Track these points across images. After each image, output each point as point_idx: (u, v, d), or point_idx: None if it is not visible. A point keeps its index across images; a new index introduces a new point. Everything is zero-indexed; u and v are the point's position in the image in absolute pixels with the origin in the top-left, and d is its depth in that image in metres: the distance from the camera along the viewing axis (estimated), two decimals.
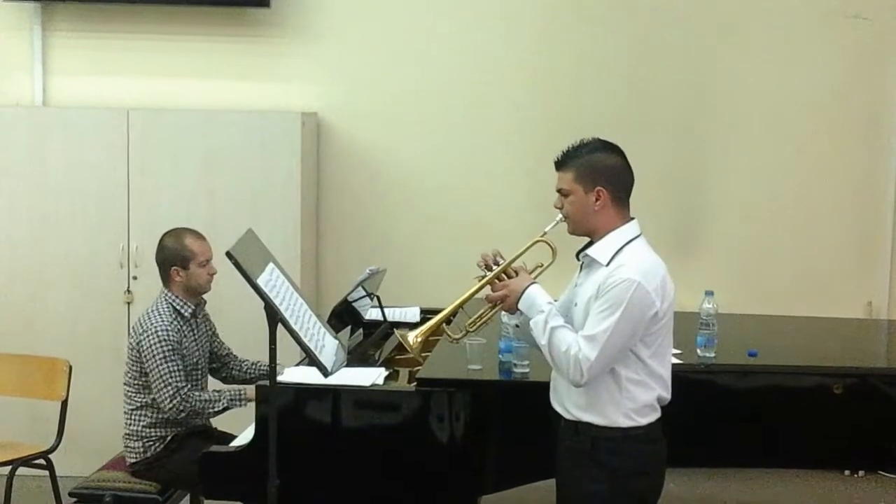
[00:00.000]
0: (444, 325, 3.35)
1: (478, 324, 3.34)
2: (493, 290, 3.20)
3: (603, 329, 2.93)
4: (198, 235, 4.24)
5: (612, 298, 2.94)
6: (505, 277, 3.19)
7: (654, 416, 3.07)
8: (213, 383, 4.39)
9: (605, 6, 5.71)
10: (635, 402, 3.02)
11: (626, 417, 3.02)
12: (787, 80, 5.72)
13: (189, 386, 4.09)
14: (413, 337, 3.32)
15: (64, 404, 4.65)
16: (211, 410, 4.11)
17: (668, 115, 5.75)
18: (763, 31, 5.71)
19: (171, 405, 4.03)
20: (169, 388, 4.02)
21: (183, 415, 4.06)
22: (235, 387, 4.20)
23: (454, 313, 3.33)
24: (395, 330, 3.58)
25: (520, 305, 3.12)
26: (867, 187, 5.79)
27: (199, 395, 4.10)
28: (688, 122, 5.77)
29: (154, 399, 4.10)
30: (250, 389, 4.08)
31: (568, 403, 3.11)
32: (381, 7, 5.76)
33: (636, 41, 5.71)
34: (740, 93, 5.74)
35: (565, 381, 3.05)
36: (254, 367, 4.45)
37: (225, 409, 4.12)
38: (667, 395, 3.10)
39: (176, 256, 4.18)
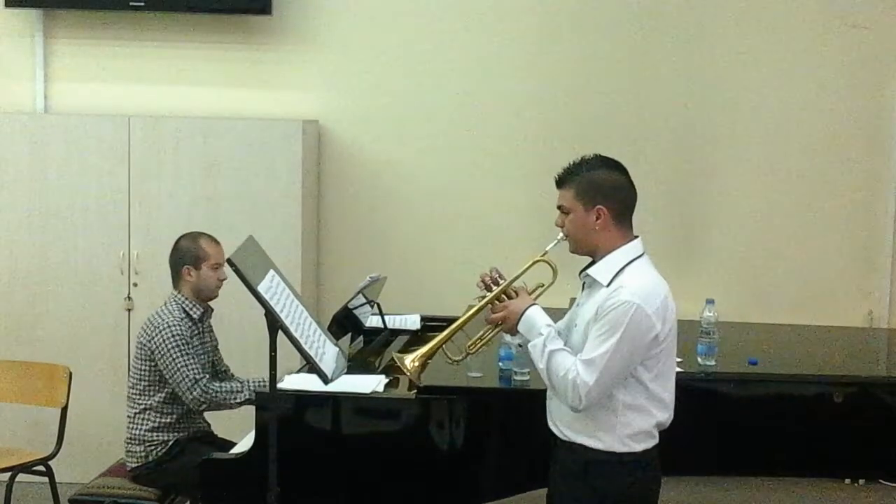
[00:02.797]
0: (443, 346, 3.26)
1: (478, 345, 3.26)
2: (493, 312, 3.14)
3: (601, 353, 2.87)
4: (213, 240, 4.27)
5: (610, 321, 2.87)
6: (505, 298, 3.13)
7: (651, 442, 3.01)
8: None
9: (605, 15, 5.71)
10: (631, 427, 2.96)
11: (621, 443, 2.96)
12: (788, 89, 5.73)
13: (208, 377, 4.09)
14: (410, 361, 3.22)
15: (64, 411, 4.65)
16: (234, 401, 4.07)
17: (668, 123, 5.75)
18: (763, 39, 5.71)
19: (191, 396, 4.02)
20: (187, 379, 4.02)
21: (205, 406, 4.04)
22: (258, 377, 4.13)
23: (454, 334, 3.24)
24: (392, 353, 3.54)
25: (519, 327, 3.06)
26: (868, 196, 5.79)
27: (220, 387, 4.07)
28: (688, 131, 5.77)
29: (159, 401, 4.10)
30: None
31: (562, 425, 3.06)
32: (383, 15, 5.77)
33: (636, 49, 5.72)
34: (740, 101, 5.75)
35: (563, 404, 3.00)
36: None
37: (247, 401, 4.06)
38: (667, 420, 3.03)
39: (189, 256, 4.20)
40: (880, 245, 5.79)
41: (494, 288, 3.15)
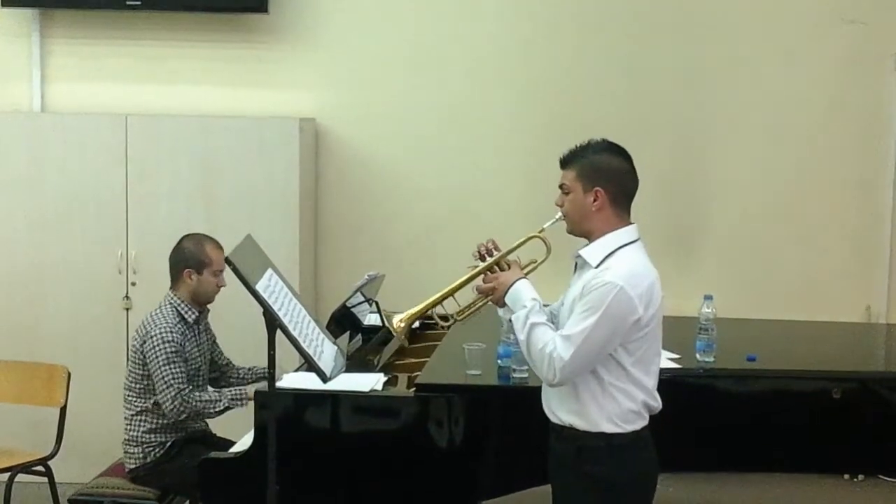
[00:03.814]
0: (433, 311, 3.31)
1: (466, 313, 3.30)
2: (483, 281, 3.18)
3: (580, 330, 2.90)
4: (217, 245, 4.25)
5: (592, 300, 2.91)
6: (497, 269, 3.18)
7: (641, 423, 3.03)
8: None
9: (601, 11, 5.71)
10: (618, 405, 2.98)
11: (610, 422, 2.98)
12: (785, 85, 5.73)
13: (190, 388, 4.10)
14: (397, 321, 3.28)
15: (63, 411, 4.65)
16: (212, 410, 4.11)
17: (665, 119, 5.75)
18: (761, 35, 5.72)
19: (171, 406, 4.04)
20: (171, 389, 4.03)
21: (184, 416, 4.07)
22: (236, 388, 4.20)
23: (443, 300, 3.29)
24: (383, 312, 3.56)
25: (506, 299, 3.10)
26: (865, 191, 5.79)
27: (200, 396, 4.11)
28: (686, 126, 5.77)
29: (155, 403, 4.11)
30: (251, 388, 4.09)
31: (554, 406, 3.08)
32: (379, 13, 5.77)
33: (633, 44, 5.72)
34: (738, 97, 5.75)
35: (539, 377, 3.03)
36: (250, 372, 4.46)
37: (226, 409, 4.12)
38: (654, 402, 3.05)
39: (192, 259, 4.19)
40: (878, 240, 5.80)
41: (488, 258, 3.19)
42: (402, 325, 3.29)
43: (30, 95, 5.78)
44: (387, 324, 3.31)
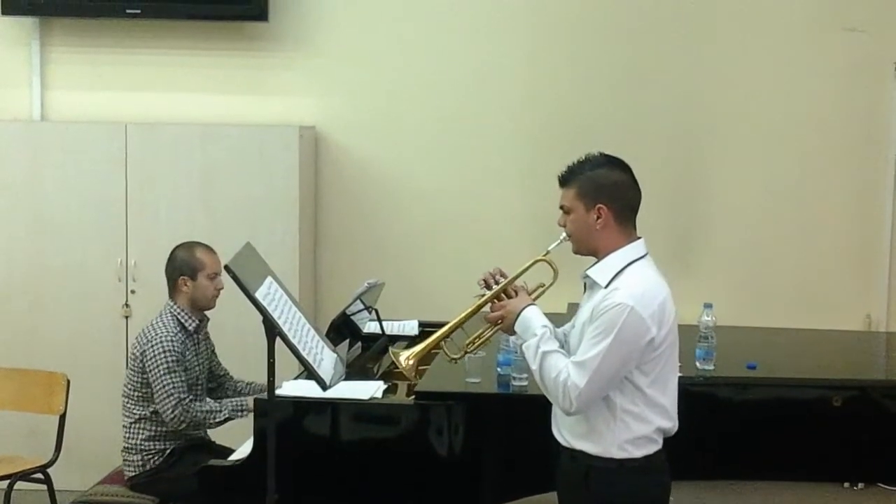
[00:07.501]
0: (442, 343, 3.25)
1: (477, 343, 3.24)
2: (491, 310, 3.11)
3: (592, 355, 2.81)
4: (209, 249, 4.27)
5: (603, 323, 2.82)
6: (505, 297, 3.11)
7: (653, 447, 2.94)
8: None
9: (600, 16, 5.72)
10: (630, 432, 2.89)
11: (620, 448, 2.90)
12: (785, 93, 5.73)
13: (191, 397, 4.10)
14: (405, 358, 3.23)
15: (62, 418, 4.64)
16: (212, 421, 4.12)
17: (665, 126, 5.75)
18: (760, 43, 5.72)
19: (172, 415, 4.04)
20: (171, 398, 4.03)
21: (184, 425, 4.07)
22: (237, 398, 4.20)
23: (451, 332, 3.23)
24: (389, 348, 3.57)
25: (515, 327, 3.02)
26: (865, 199, 5.79)
27: (201, 406, 4.11)
28: (685, 134, 5.78)
29: (154, 411, 4.10)
30: (251, 400, 4.09)
31: (564, 430, 3.01)
32: (379, 21, 5.77)
33: (632, 51, 5.72)
34: (738, 104, 5.75)
35: (555, 406, 2.97)
36: (248, 386, 4.45)
37: (227, 420, 4.13)
38: (670, 427, 2.97)
39: (185, 266, 4.20)
40: (878, 249, 5.79)
41: (494, 286, 3.13)
42: (411, 362, 3.23)
43: (29, 104, 5.78)
44: (395, 361, 3.26)
